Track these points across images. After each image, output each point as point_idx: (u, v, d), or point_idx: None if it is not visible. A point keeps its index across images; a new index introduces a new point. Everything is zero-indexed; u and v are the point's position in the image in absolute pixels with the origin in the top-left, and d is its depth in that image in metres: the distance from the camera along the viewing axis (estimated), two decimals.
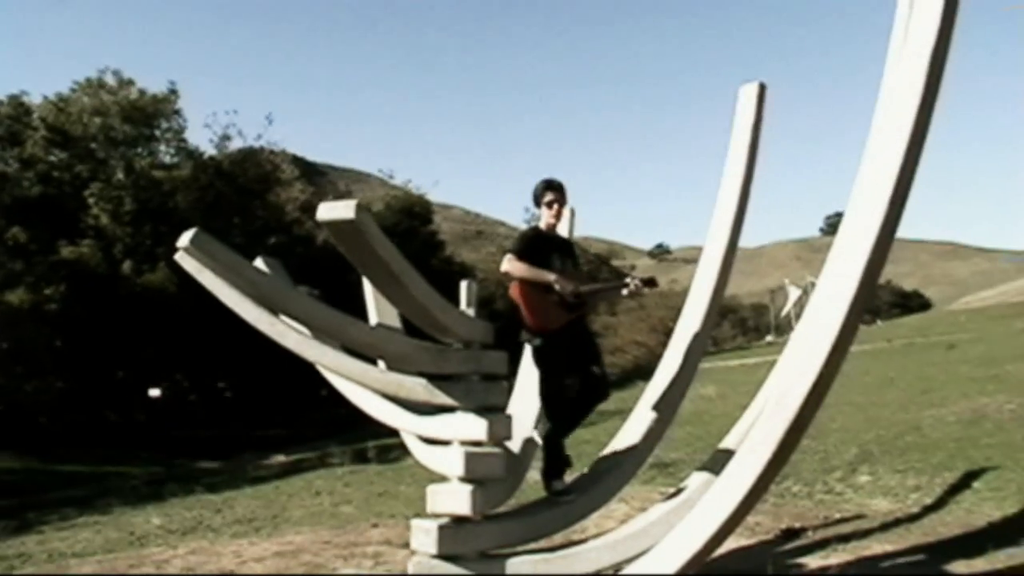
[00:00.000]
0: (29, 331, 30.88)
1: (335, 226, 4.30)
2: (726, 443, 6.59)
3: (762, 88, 7.06)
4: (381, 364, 6.60)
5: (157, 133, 43.58)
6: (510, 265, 6.51)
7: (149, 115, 42.56)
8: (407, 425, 6.51)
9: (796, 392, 4.56)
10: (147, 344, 35.35)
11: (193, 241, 5.04)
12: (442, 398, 6.00)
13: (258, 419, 36.62)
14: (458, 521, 5.99)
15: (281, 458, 23.84)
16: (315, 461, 20.61)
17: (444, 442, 6.27)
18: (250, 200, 42.44)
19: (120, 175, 40.00)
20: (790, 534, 8.93)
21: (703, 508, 4.91)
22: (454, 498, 5.97)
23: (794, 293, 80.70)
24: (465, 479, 5.97)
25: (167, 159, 43.64)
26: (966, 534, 8.42)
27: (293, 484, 16.91)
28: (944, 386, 18.02)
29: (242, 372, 37.73)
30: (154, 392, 39.19)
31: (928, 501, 9.76)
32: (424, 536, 5.93)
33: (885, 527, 8.95)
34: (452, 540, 5.91)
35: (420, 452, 6.78)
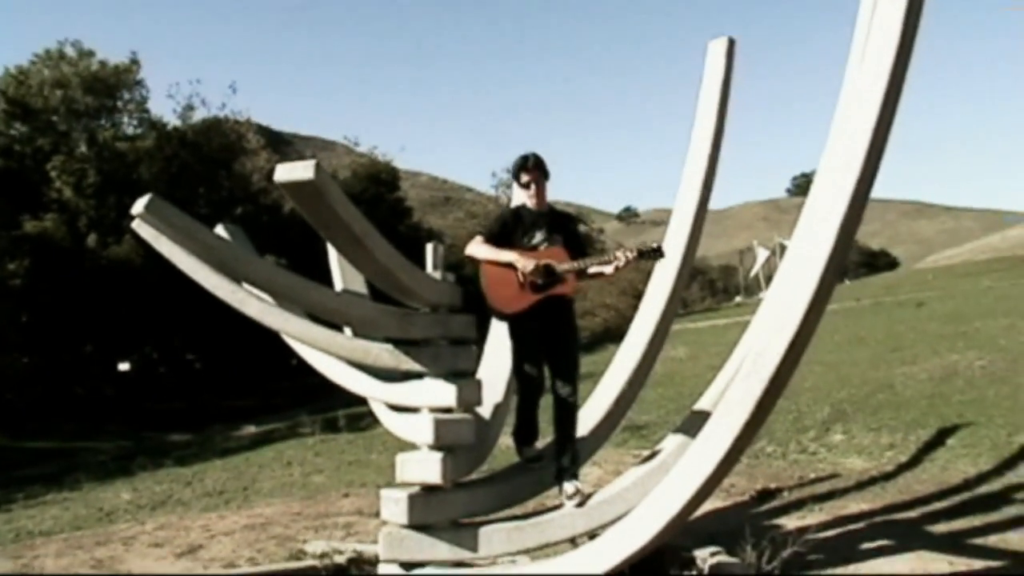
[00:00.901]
0: None
1: (294, 187, 4.13)
2: (701, 405, 6.42)
3: (731, 43, 6.87)
4: (347, 331, 6.46)
5: (119, 104, 42.82)
6: (470, 248, 6.23)
7: (111, 86, 41.83)
8: (375, 392, 6.36)
9: (773, 351, 4.44)
10: (115, 317, 34.93)
11: (148, 207, 4.85)
12: (409, 364, 5.86)
13: (228, 390, 36.34)
14: (428, 490, 5.86)
15: (252, 429, 23.66)
16: (285, 431, 20.52)
17: (413, 409, 6.14)
18: (215, 170, 41.92)
19: (83, 147, 39.37)
20: (765, 495, 8.90)
21: (679, 472, 4.79)
22: (424, 466, 5.83)
23: (763, 254, 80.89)
24: (434, 447, 5.84)
25: (130, 130, 42.89)
26: (941, 491, 8.42)
27: (263, 455, 16.80)
28: (914, 344, 18.05)
29: (211, 343, 37.40)
30: (123, 366, 38.84)
31: (903, 459, 9.76)
32: (394, 506, 5.80)
33: (861, 486, 8.95)
34: (422, 509, 5.78)
35: (389, 420, 6.64)
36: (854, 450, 10.43)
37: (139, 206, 4.89)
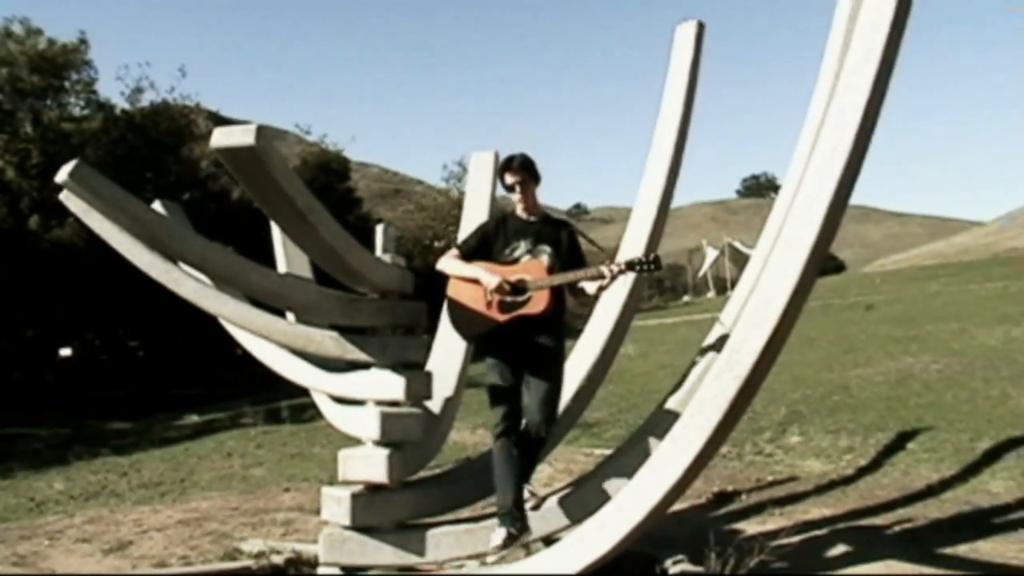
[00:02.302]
0: None
1: (232, 154, 3.74)
2: (669, 404, 6.05)
3: (700, 27, 6.53)
4: (290, 317, 6.09)
5: (67, 85, 42.08)
6: (440, 262, 5.66)
7: (58, 66, 40.99)
8: (317, 383, 6.00)
9: (750, 347, 4.13)
10: (56, 302, 34.23)
11: (73, 174, 4.44)
12: (355, 353, 5.50)
13: (172, 378, 35.70)
14: (373, 489, 5.51)
15: (194, 418, 23.24)
16: (227, 421, 20.10)
17: (358, 402, 5.78)
18: (163, 155, 41.07)
19: (27, 128, 38.60)
20: (723, 497, 8.65)
21: (646, 475, 4.46)
22: (368, 463, 5.47)
23: (711, 254, 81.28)
24: (380, 442, 5.49)
25: (77, 111, 42.16)
26: (904, 497, 8.18)
27: (204, 445, 16.43)
28: (866, 346, 17.92)
29: (156, 330, 36.72)
30: (65, 352, 38.18)
31: (862, 463, 9.54)
32: (335, 506, 5.44)
33: (820, 490, 8.71)
34: (366, 510, 5.43)
35: (332, 413, 6.27)
36: (812, 452, 10.20)
37: (63, 174, 4.48)
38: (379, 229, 6.26)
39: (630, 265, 5.25)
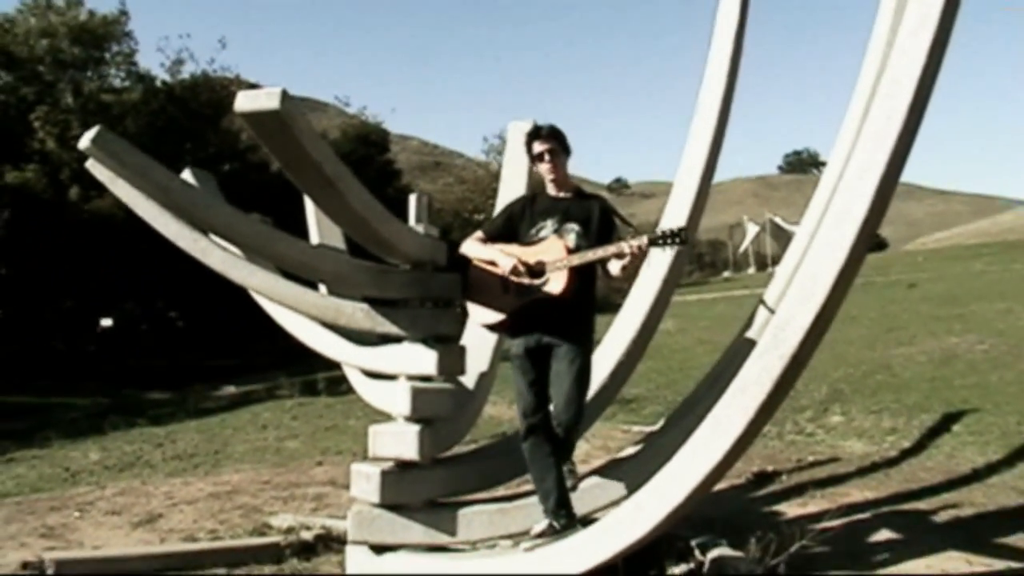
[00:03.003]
0: None
1: (256, 119, 3.59)
2: (710, 382, 5.85)
3: None
4: (322, 289, 5.95)
5: (107, 56, 42.27)
6: (464, 246, 5.40)
7: (99, 37, 41.23)
8: (347, 357, 5.87)
9: (797, 324, 3.93)
10: (96, 273, 34.41)
11: (95, 140, 4.30)
12: (386, 326, 5.35)
13: (211, 349, 35.87)
14: (403, 466, 5.36)
15: (232, 389, 23.35)
16: (263, 393, 20.14)
17: (389, 376, 5.63)
18: (203, 126, 41.18)
19: (68, 99, 38.81)
20: (763, 478, 8.45)
21: (685, 456, 4.28)
22: (399, 440, 5.33)
23: (752, 230, 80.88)
24: (411, 418, 5.35)
25: (117, 83, 42.39)
26: (949, 481, 7.96)
27: (240, 417, 16.40)
28: (909, 324, 17.69)
29: (194, 301, 36.83)
30: (106, 322, 38.42)
31: (906, 444, 9.33)
32: (365, 483, 5.30)
33: (862, 472, 8.49)
34: (396, 487, 5.29)
35: (363, 388, 6.15)
36: (854, 433, 10.01)
37: (85, 140, 4.35)
38: (412, 198, 6.08)
39: (653, 240, 4.81)
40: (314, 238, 6.50)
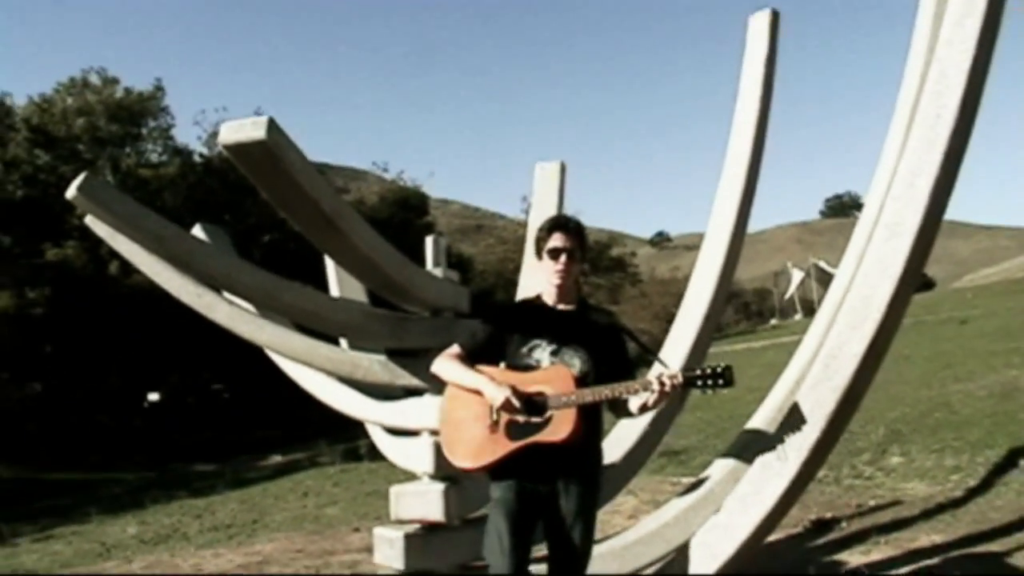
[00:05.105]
0: (11, 336, 30.24)
1: (242, 151, 3.29)
2: (754, 423, 5.37)
3: (775, 16, 5.96)
4: (344, 343, 5.64)
5: (144, 131, 42.99)
6: (437, 362, 4.19)
7: (135, 113, 41.97)
8: (366, 413, 5.55)
9: (848, 352, 3.58)
10: (139, 346, 34.58)
11: (81, 187, 4.02)
12: (405, 378, 5.02)
13: (256, 419, 35.94)
14: (429, 528, 4.99)
15: (278, 458, 23.50)
16: (306, 461, 20.12)
17: (412, 433, 5.28)
18: (241, 197, 41.41)
19: (107, 175, 39.24)
20: (821, 525, 8.02)
21: (734, 505, 3.90)
22: (423, 500, 4.99)
23: (797, 276, 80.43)
24: (436, 476, 5.00)
25: (154, 157, 43.00)
26: (1022, 519, 7.45)
27: (281, 485, 16.37)
28: (965, 361, 17.26)
29: (239, 372, 36.88)
30: (153, 396, 38.62)
31: (971, 483, 8.86)
32: (388, 548, 4.96)
33: (927, 514, 8.04)
34: (421, 552, 4.94)
35: (386, 446, 5.81)
36: (915, 474, 9.57)
37: (72, 190, 4.08)
38: (428, 241, 5.75)
39: (691, 380, 3.85)
40: (334, 290, 6.20)
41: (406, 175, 54.25)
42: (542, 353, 4.08)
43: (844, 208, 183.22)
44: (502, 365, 4.15)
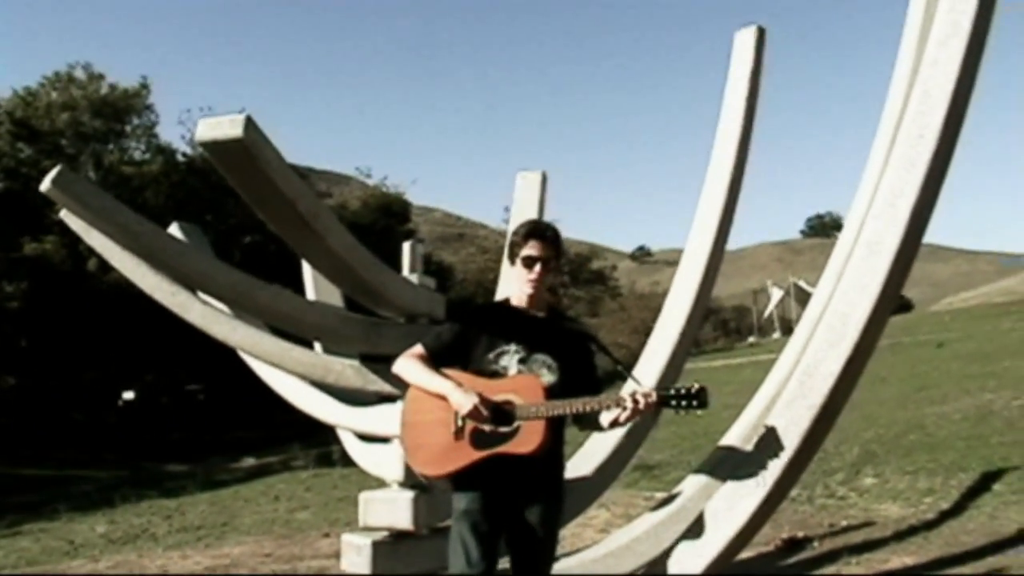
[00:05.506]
0: None
1: (218, 148, 3.25)
2: (728, 440, 5.33)
3: (761, 33, 5.96)
4: (318, 347, 5.59)
5: (128, 129, 42.97)
6: (399, 362, 4.08)
7: (120, 110, 41.96)
8: (336, 418, 5.51)
9: (824, 370, 3.56)
10: (116, 344, 34.45)
11: (56, 181, 3.98)
12: (378, 384, 4.96)
13: (231, 421, 35.88)
14: (397, 536, 4.94)
15: (251, 461, 23.46)
16: (279, 465, 20.08)
17: (383, 439, 5.24)
18: (224, 197, 41.31)
19: (90, 171, 39.13)
20: (793, 544, 7.98)
21: (706, 522, 3.85)
22: (392, 507, 4.96)
23: (776, 294, 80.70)
24: (405, 484, 4.95)
25: (137, 155, 42.95)
26: (993, 543, 7.45)
27: (253, 488, 16.32)
28: (940, 383, 17.37)
29: (215, 373, 36.79)
30: (128, 395, 38.51)
31: (944, 506, 8.85)
32: (355, 555, 4.93)
33: (900, 536, 8.01)
34: (389, 559, 4.91)
35: (357, 451, 5.78)
36: (888, 495, 9.56)
37: (46, 183, 4.03)
38: (406, 246, 5.71)
39: (664, 399, 3.73)
40: (310, 293, 6.15)
41: (389, 181, 54.34)
42: (510, 360, 3.96)
43: (825, 228, 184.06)
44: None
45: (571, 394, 3.77)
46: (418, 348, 4.05)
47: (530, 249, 3.98)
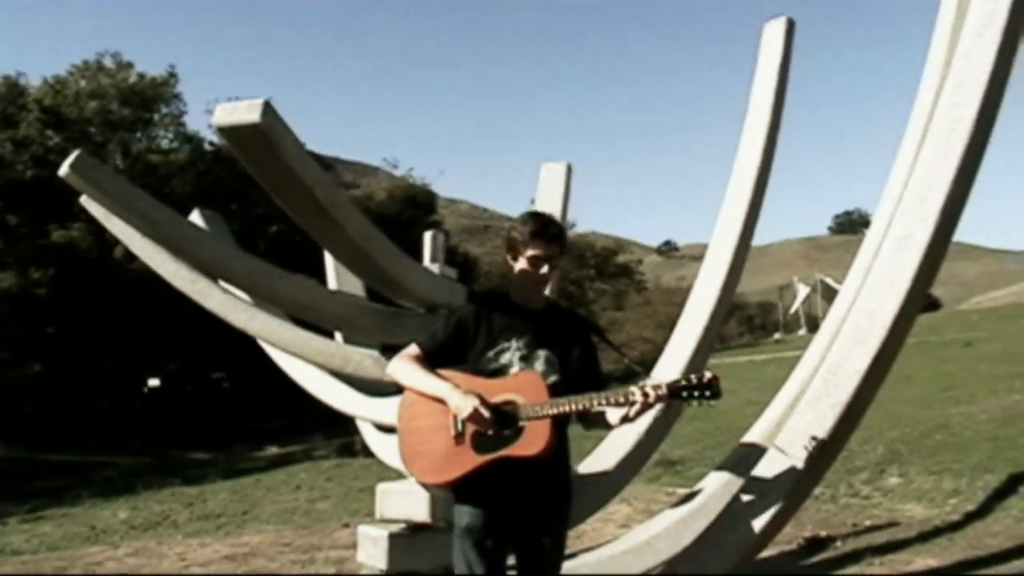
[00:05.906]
0: (13, 315, 30.28)
1: (236, 134, 3.21)
2: (750, 437, 5.25)
3: (790, 24, 5.90)
4: (339, 337, 5.55)
5: (156, 117, 43.15)
6: (393, 363, 3.89)
7: (148, 99, 42.14)
8: (355, 408, 5.45)
9: (850, 368, 3.48)
10: (142, 332, 34.57)
11: (74, 166, 3.95)
12: None
13: (256, 410, 35.92)
14: (415, 529, 4.88)
15: (275, 450, 23.51)
16: (301, 455, 20.08)
17: None
18: (250, 187, 41.36)
19: (117, 159, 39.32)
20: (815, 543, 7.90)
21: (727, 521, 3.79)
22: (409, 500, 4.88)
23: (803, 291, 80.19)
24: None
25: (165, 144, 43.11)
26: (1019, 547, 7.33)
27: (275, 477, 16.32)
28: (967, 383, 17.15)
29: (240, 362, 36.85)
30: (153, 382, 38.68)
31: (970, 507, 8.71)
32: (371, 546, 4.86)
33: (924, 537, 7.91)
34: (405, 552, 4.82)
35: (376, 442, 5.73)
36: (913, 495, 9.44)
37: (65, 167, 4.00)
38: (427, 236, 5.64)
39: (675, 390, 3.48)
40: (332, 283, 6.10)
41: (416, 173, 54.42)
42: (511, 356, 3.80)
43: (853, 225, 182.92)
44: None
45: (575, 391, 3.58)
46: (412, 348, 3.89)
47: (536, 249, 3.81)
